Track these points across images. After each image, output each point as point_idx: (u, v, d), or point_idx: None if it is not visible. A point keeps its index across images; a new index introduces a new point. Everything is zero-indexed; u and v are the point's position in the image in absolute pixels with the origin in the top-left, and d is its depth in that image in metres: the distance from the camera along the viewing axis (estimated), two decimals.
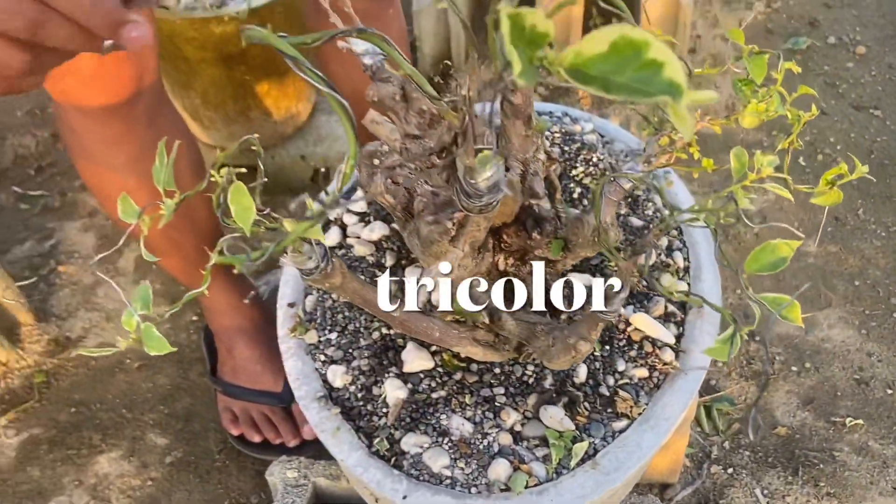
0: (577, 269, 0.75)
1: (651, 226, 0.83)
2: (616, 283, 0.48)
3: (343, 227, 0.83)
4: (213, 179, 0.46)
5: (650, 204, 0.84)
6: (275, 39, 0.30)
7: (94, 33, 0.36)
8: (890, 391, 1.05)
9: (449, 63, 1.66)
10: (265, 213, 0.44)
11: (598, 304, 0.51)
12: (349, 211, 0.85)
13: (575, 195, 0.83)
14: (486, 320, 0.59)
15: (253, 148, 0.46)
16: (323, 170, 1.41)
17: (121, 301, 1.22)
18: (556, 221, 0.60)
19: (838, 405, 1.04)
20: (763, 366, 1.03)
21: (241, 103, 1.26)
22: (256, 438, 1.02)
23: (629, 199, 0.83)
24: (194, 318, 1.21)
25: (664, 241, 0.81)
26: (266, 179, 0.45)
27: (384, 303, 0.51)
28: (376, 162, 0.52)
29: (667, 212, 0.81)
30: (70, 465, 1.04)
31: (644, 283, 0.75)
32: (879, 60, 1.65)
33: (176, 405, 1.10)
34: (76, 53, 0.38)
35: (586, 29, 1.66)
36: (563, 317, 0.64)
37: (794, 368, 1.09)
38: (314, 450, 1.03)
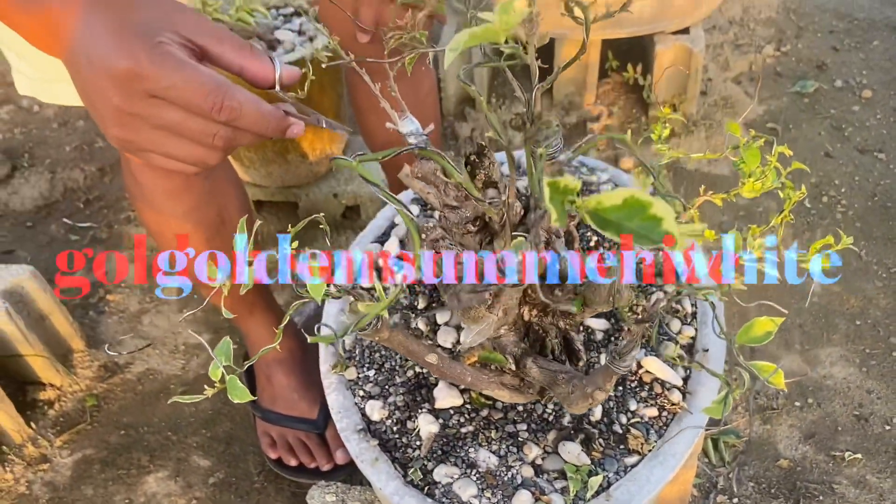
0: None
1: (661, 271, 0.90)
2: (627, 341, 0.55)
3: (378, 270, 0.91)
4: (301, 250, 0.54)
5: (660, 252, 0.92)
6: (362, 170, 0.38)
7: (269, 135, 0.50)
8: (888, 427, 1.11)
9: (470, 109, 1.75)
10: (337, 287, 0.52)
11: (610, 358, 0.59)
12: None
13: (591, 244, 0.91)
14: (513, 367, 0.67)
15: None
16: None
17: (164, 328, 1.31)
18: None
19: (838, 440, 1.10)
20: (780, 410, 1.10)
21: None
22: (293, 462, 1.10)
23: None
24: (234, 346, 1.29)
25: (671, 288, 0.88)
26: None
27: (429, 356, 0.59)
28: (423, 236, 0.60)
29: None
30: (121, 484, 1.12)
31: (658, 331, 0.82)
32: (885, 104, 1.72)
33: (217, 429, 1.18)
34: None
35: (602, 72, 1.75)
36: (581, 364, 0.71)
37: (797, 403, 1.15)
38: (345, 473, 1.10)
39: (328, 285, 0.50)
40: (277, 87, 0.52)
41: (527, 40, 0.56)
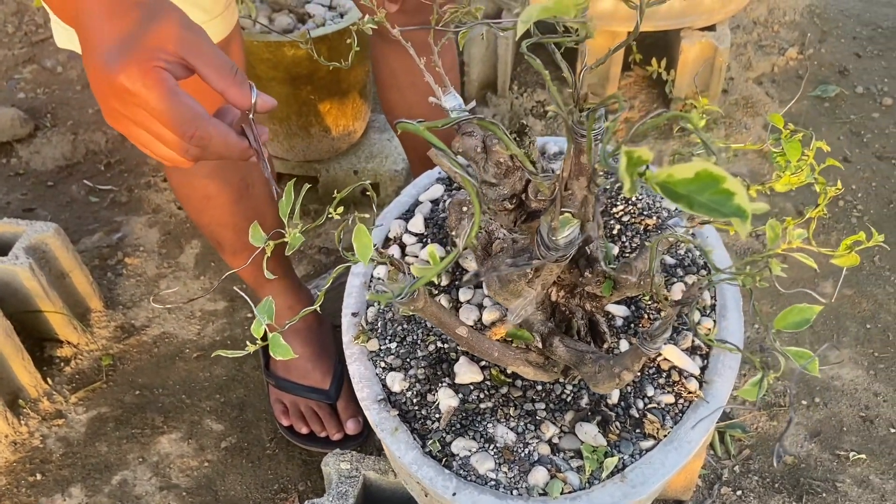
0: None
1: (684, 262, 0.91)
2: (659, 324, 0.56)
3: (402, 247, 0.92)
4: (330, 216, 0.56)
5: (682, 245, 0.93)
6: (426, 134, 0.39)
7: (232, 160, 0.58)
8: (893, 430, 1.13)
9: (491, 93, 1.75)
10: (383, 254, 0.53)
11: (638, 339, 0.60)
12: (408, 231, 0.94)
13: (615, 231, 0.92)
14: (540, 345, 0.68)
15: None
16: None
17: (181, 294, 1.33)
18: (605, 262, 0.69)
19: (843, 439, 1.12)
20: (788, 407, 1.11)
21: (303, 119, 1.36)
22: (304, 430, 1.12)
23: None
24: (248, 315, 1.30)
25: (693, 279, 0.89)
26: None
27: (459, 328, 0.60)
28: (464, 209, 0.61)
29: (702, 260, 0.90)
30: (134, 442, 1.14)
31: (674, 318, 0.83)
32: None
33: (231, 395, 1.19)
34: None
35: (626, 65, 1.75)
36: (605, 346, 0.73)
37: (804, 402, 1.17)
38: (356, 443, 1.12)
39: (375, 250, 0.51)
40: (252, 114, 0.58)
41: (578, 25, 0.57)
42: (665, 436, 0.76)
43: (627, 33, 1.65)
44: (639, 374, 0.79)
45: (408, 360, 0.82)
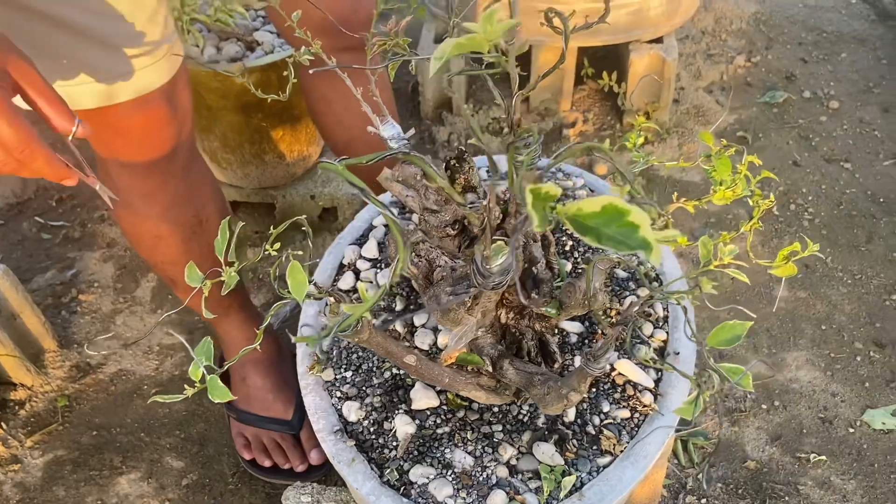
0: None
1: (636, 276, 0.92)
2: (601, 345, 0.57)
3: (356, 272, 0.92)
4: (267, 252, 0.55)
5: (634, 257, 0.94)
6: (347, 174, 0.39)
7: (51, 179, 0.62)
8: (852, 430, 1.15)
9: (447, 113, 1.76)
10: (321, 288, 0.53)
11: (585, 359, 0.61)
12: (362, 257, 0.93)
13: (567, 248, 0.93)
14: (490, 368, 0.68)
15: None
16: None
17: (138, 329, 1.30)
18: (551, 283, 0.69)
19: (803, 442, 1.13)
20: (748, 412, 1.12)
21: (256, 147, 1.35)
22: (267, 463, 1.10)
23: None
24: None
25: (645, 292, 0.90)
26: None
27: (407, 357, 0.60)
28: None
29: (654, 273, 0.90)
30: (93, 485, 1.11)
31: (632, 334, 0.84)
32: (851, 115, 1.77)
33: (191, 430, 1.17)
34: None
35: (578, 79, 1.77)
36: (556, 366, 0.73)
37: (763, 406, 1.18)
38: (320, 474, 1.11)
39: (310, 285, 0.50)
40: (70, 139, 0.63)
41: (507, 49, 0.57)
42: (622, 451, 0.76)
43: (578, 49, 1.67)
44: (594, 390, 0.80)
45: (364, 388, 0.82)
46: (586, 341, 0.83)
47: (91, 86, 0.77)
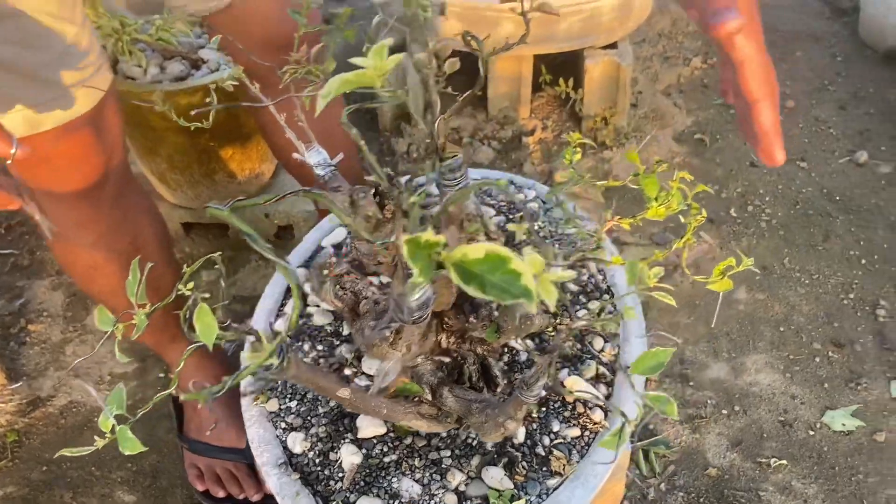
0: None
1: (587, 289, 0.91)
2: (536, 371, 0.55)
3: (304, 297, 0.90)
4: (179, 294, 0.53)
5: (585, 270, 0.93)
6: (234, 220, 0.37)
7: None
8: (812, 432, 1.15)
9: (405, 125, 1.74)
10: (226, 325, 0.51)
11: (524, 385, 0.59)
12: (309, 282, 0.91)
13: None
14: (429, 397, 0.66)
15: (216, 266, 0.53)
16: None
17: (89, 358, 1.27)
18: (490, 306, 0.68)
19: (764, 446, 1.13)
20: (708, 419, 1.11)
21: (206, 167, 1.32)
22: (221, 494, 1.07)
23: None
24: (160, 374, 1.26)
25: (596, 305, 0.89)
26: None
27: (340, 390, 0.58)
28: (325, 272, 0.59)
29: (605, 285, 0.90)
30: None
31: (577, 347, 0.83)
32: (807, 113, 1.78)
33: (143, 462, 1.14)
34: None
35: (536, 86, 1.77)
36: (499, 389, 0.71)
37: (724, 412, 1.18)
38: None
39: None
40: (10, 161, 0.62)
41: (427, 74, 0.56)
42: (572, 472, 0.75)
43: (533, 56, 1.66)
44: (544, 409, 0.78)
45: (309, 417, 0.80)
46: (534, 361, 0.81)
47: (15, 114, 0.75)
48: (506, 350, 0.82)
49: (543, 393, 0.76)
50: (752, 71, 0.52)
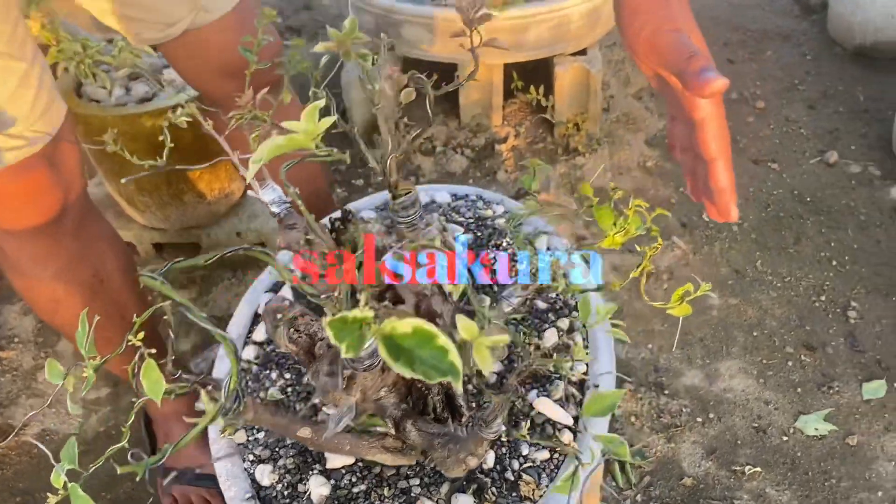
0: None
1: (555, 306, 0.91)
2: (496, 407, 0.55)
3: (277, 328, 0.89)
4: (132, 343, 0.52)
5: (553, 287, 0.92)
6: (168, 291, 0.37)
7: None
8: (785, 438, 1.15)
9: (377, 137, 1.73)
10: (177, 376, 0.50)
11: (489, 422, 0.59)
12: None
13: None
14: (393, 431, 0.66)
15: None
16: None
17: (62, 387, 1.25)
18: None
19: (738, 454, 1.14)
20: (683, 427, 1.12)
21: (174, 188, 1.31)
22: None
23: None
24: (133, 399, 1.24)
25: (566, 323, 0.89)
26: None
27: (301, 430, 0.58)
28: (279, 316, 0.59)
29: (573, 301, 0.90)
30: None
31: (548, 369, 0.83)
32: (777, 113, 1.79)
33: (118, 491, 1.13)
34: None
35: (508, 93, 1.76)
36: (464, 419, 0.71)
37: (699, 419, 1.18)
38: None
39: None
40: None
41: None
42: (540, 496, 0.75)
43: (504, 65, 1.66)
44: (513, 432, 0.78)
45: (276, 449, 0.79)
46: (503, 380, 0.81)
47: None
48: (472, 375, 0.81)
49: (503, 429, 0.76)
50: (713, 130, 0.52)
